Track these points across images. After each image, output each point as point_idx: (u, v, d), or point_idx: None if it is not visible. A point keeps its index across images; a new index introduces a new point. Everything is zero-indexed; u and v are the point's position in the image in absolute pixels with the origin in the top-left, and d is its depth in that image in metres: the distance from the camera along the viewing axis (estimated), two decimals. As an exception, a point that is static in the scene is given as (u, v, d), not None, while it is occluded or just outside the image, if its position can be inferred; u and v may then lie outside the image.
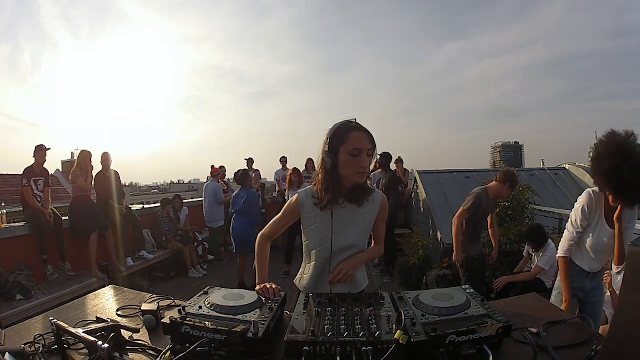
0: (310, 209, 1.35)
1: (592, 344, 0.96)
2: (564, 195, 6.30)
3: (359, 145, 1.21)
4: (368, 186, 1.35)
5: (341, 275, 1.29)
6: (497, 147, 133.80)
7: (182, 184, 71.03)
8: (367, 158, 1.23)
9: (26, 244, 3.77)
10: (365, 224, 1.38)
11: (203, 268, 5.44)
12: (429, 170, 6.27)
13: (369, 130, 1.27)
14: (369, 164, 1.26)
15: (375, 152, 1.27)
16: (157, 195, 43.57)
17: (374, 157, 1.28)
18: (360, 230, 1.37)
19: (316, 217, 1.35)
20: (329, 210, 1.33)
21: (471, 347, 0.91)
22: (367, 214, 1.37)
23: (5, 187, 12.21)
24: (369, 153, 1.24)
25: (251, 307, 1.09)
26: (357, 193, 1.31)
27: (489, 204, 3.16)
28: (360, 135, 1.23)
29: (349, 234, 1.35)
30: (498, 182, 3.13)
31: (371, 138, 1.25)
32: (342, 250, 1.36)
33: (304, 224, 1.39)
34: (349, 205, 1.33)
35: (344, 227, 1.35)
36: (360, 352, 0.86)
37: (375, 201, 1.38)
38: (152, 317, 1.16)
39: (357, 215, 1.35)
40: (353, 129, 1.24)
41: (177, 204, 5.67)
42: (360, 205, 1.33)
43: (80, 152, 4.41)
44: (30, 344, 1.05)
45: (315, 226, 1.36)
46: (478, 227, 3.18)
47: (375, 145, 1.26)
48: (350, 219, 1.35)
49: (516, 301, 1.32)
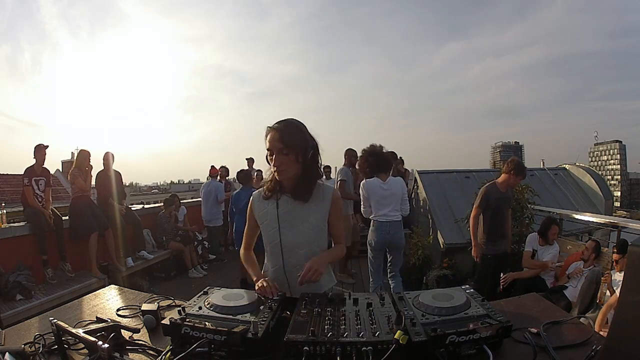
0: (261, 207, 1.39)
1: (592, 344, 0.96)
2: (564, 195, 6.30)
3: (269, 146, 1.26)
4: (311, 183, 1.33)
5: (310, 273, 1.24)
6: (497, 147, 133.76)
7: (182, 184, 71.03)
8: (281, 157, 1.24)
9: (26, 244, 3.77)
10: (316, 219, 1.35)
11: (203, 268, 5.44)
12: (429, 170, 6.27)
13: (290, 126, 1.26)
14: (285, 162, 1.24)
15: (295, 150, 1.25)
16: (157, 195, 43.59)
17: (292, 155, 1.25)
18: (311, 226, 1.34)
19: (266, 214, 1.38)
20: (275, 205, 1.35)
21: (471, 347, 0.91)
22: (316, 210, 1.35)
23: (5, 187, 12.21)
24: (283, 152, 1.24)
25: (251, 307, 1.09)
26: (297, 190, 1.32)
27: (500, 197, 3.15)
28: (272, 136, 1.25)
29: (298, 230, 1.34)
30: (504, 173, 3.17)
31: (284, 136, 1.23)
32: (293, 247, 1.35)
33: (259, 222, 1.41)
34: (293, 202, 1.34)
35: (293, 223, 1.34)
36: (360, 352, 0.86)
37: (325, 197, 1.36)
38: (152, 317, 1.16)
39: (306, 212, 1.34)
40: (269, 130, 1.27)
41: (175, 202, 5.67)
42: (306, 201, 1.33)
43: (79, 152, 4.41)
44: (30, 344, 1.05)
45: (266, 223, 1.38)
46: (494, 224, 3.16)
47: (293, 143, 1.24)
48: (298, 215, 1.35)
49: (516, 301, 1.32)
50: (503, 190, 3.16)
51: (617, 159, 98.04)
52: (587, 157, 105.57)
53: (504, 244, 3.28)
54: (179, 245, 5.24)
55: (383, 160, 3.21)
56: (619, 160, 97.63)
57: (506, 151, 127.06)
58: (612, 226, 3.73)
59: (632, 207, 70.19)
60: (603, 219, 4.01)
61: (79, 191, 4.18)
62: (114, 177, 4.56)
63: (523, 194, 4.23)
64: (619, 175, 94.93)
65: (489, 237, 3.17)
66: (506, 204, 3.25)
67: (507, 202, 3.26)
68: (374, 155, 3.17)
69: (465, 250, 4.35)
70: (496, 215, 3.17)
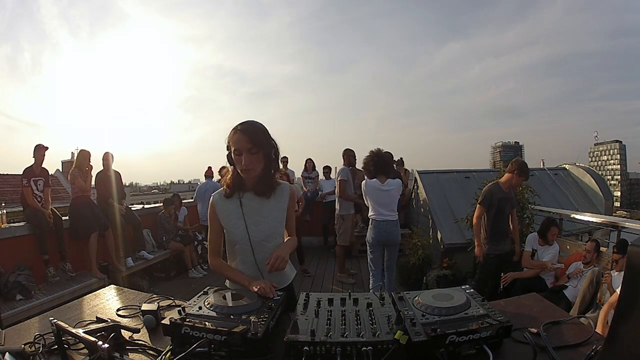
0: (223, 207, 1.43)
1: (592, 344, 0.96)
2: (564, 195, 6.30)
3: (237, 146, 1.31)
4: (272, 179, 1.42)
5: (278, 261, 1.31)
6: (497, 147, 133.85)
7: (182, 184, 70.95)
8: (250, 156, 1.30)
9: (26, 244, 3.77)
10: (278, 213, 1.45)
11: (203, 268, 5.44)
12: (429, 170, 6.27)
13: (256, 127, 1.33)
14: (253, 161, 1.31)
15: (262, 150, 1.32)
16: (157, 195, 43.55)
17: (258, 155, 1.32)
18: (275, 219, 1.44)
19: (230, 214, 1.42)
20: (238, 203, 1.40)
21: (471, 347, 0.91)
22: (277, 205, 1.44)
23: (5, 187, 12.21)
24: (251, 151, 1.30)
25: (251, 307, 1.09)
26: (260, 186, 1.39)
27: (503, 196, 3.17)
28: (239, 137, 1.30)
29: (264, 224, 1.41)
30: (507, 173, 3.17)
31: (252, 136, 1.30)
32: (262, 241, 1.41)
33: (223, 223, 1.44)
34: (256, 198, 1.41)
35: (259, 218, 1.41)
36: (360, 352, 0.86)
37: (284, 192, 1.45)
38: (152, 317, 1.16)
39: (268, 207, 1.43)
40: (235, 131, 1.31)
41: (176, 202, 5.67)
42: (269, 197, 1.41)
43: (79, 152, 4.41)
44: (30, 344, 1.05)
45: (232, 222, 1.42)
46: (497, 224, 3.19)
47: (260, 143, 1.31)
48: (262, 210, 1.42)
49: (516, 301, 1.32)
50: (506, 190, 3.17)
51: (617, 159, 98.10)
52: (587, 157, 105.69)
53: (506, 243, 3.30)
54: (179, 245, 5.24)
55: (387, 164, 3.46)
56: (619, 160, 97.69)
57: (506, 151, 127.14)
58: (612, 226, 3.73)
59: (632, 207, 70.22)
60: (603, 219, 4.00)
61: (79, 191, 4.19)
62: (113, 177, 4.56)
63: (523, 194, 4.23)
64: (619, 175, 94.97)
65: (491, 237, 3.18)
66: (509, 204, 3.27)
67: (509, 202, 3.27)
68: (380, 157, 3.38)
69: (465, 250, 4.35)
70: (498, 215, 3.18)
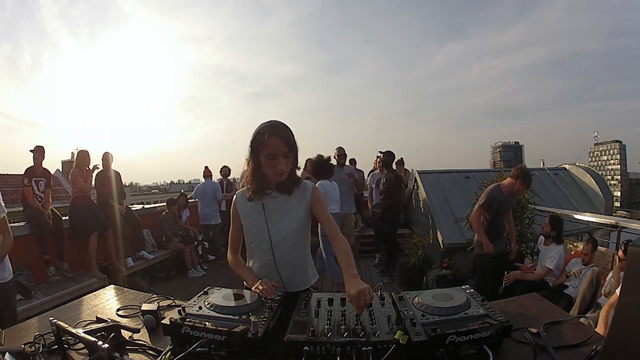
0: (245, 205, 1.43)
1: (592, 344, 0.96)
2: (564, 195, 6.30)
3: (274, 150, 1.29)
4: (296, 177, 1.42)
5: (362, 297, 1.01)
6: (497, 147, 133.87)
7: (182, 184, 71.03)
8: (283, 160, 1.30)
9: (26, 244, 3.76)
10: (300, 212, 1.41)
11: (203, 268, 5.44)
12: (429, 170, 6.27)
13: (288, 130, 1.32)
14: (288, 164, 1.31)
15: (293, 151, 1.33)
16: (157, 196, 43.58)
17: (291, 157, 1.33)
18: (296, 219, 1.40)
19: (250, 211, 1.41)
20: (260, 202, 1.39)
21: (471, 347, 0.91)
22: (299, 202, 1.41)
23: (5, 187, 12.20)
24: (286, 155, 1.30)
25: (251, 307, 1.09)
26: (286, 183, 1.37)
27: (503, 199, 3.19)
28: (276, 142, 1.29)
29: (284, 224, 1.39)
30: (511, 178, 3.16)
31: (288, 140, 1.30)
32: (281, 241, 1.40)
33: (242, 221, 1.44)
34: (279, 196, 1.40)
35: (279, 218, 1.40)
36: (360, 352, 0.86)
37: (305, 191, 1.42)
38: (152, 317, 1.16)
39: (290, 205, 1.41)
40: (271, 135, 1.29)
41: (181, 201, 5.68)
42: (291, 194, 1.40)
43: (78, 152, 4.41)
44: (30, 344, 1.05)
45: (250, 220, 1.42)
46: (493, 225, 3.21)
47: (293, 146, 1.32)
48: (283, 210, 1.40)
49: (516, 301, 1.32)
50: (506, 194, 3.18)
51: (617, 159, 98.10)
52: (587, 157, 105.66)
53: (501, 243, 3.33)
54: (179, 245, 5.24)
55: (327, 167, 4.03)
56: (619, 160, 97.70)
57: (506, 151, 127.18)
58: (612, 226, 3.73)
59: (632, 207, 70.19)
60: (603, 219, 4.00)
61: (79, 191, 4.19)
62: (113, 177, 4.56)
63: (523, 194, 4.22)
64: (619, 175, 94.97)
65: (488, 238, 3.19)
66: (507, 207, 3.31)
67: (508, 205, 3.31)
68: (320, 164, 3.95)
69: (465, 250, 4.34)
70: (497, 217, 3.22)
